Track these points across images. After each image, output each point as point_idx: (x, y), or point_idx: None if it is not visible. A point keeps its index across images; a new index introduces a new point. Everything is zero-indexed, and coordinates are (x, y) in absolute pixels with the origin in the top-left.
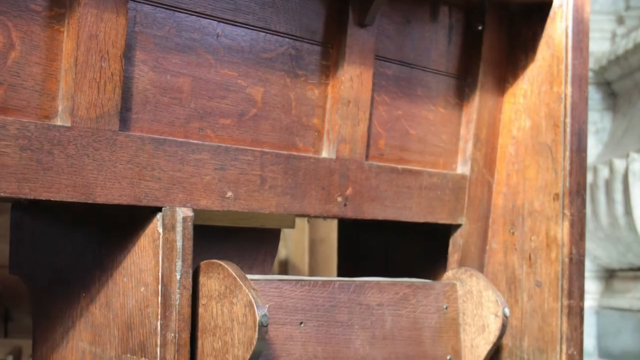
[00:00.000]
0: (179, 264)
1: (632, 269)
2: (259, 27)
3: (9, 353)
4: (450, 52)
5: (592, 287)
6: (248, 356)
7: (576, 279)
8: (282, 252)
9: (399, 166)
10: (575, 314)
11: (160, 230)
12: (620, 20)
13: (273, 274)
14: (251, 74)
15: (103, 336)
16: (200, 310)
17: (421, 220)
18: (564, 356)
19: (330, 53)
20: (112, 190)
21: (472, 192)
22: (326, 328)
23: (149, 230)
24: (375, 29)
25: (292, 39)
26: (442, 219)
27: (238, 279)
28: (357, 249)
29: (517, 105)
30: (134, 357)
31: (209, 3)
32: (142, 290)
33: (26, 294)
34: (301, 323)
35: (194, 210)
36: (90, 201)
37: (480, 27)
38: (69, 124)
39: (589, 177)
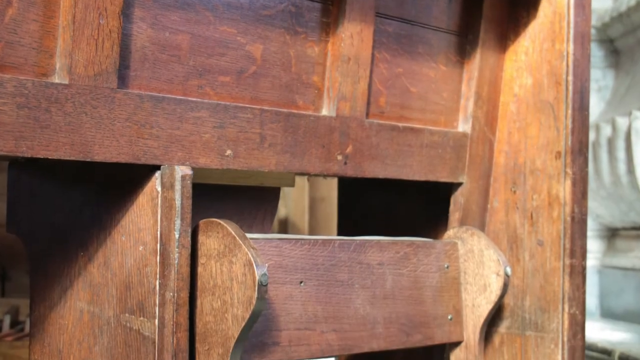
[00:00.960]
0: (177, 222)
1: (634, 228)
2: None
3: (7, 312)
4: (451, 9)
5: (594, 246)
6: (247, 315)
7: (578, 238)
8: (282, 210)
9: (400, 124)
10: (578, 273)
11: (159, 189)
12: None
13: (273, 232)
14: (250, 31)
15: (101, 296)
16: (199, 269)
17: (422, 178)
18: (566, 316)
19: (331, 10)
20: (110, 149)
21: (473, 150)
22: (326, 287)
23: (147, 188)
24: None
25: None
26: (443, 177)
27: (237, 238)
28: (357, 208)
29: (519, 63)
30: (133, 316)
31: None
32: (140, 249)
33: (24, 253)
34: (301, 282)
35: (193, 169)
36: (89, 159)
37: None
38: (66, 82)
39: (591, 136)
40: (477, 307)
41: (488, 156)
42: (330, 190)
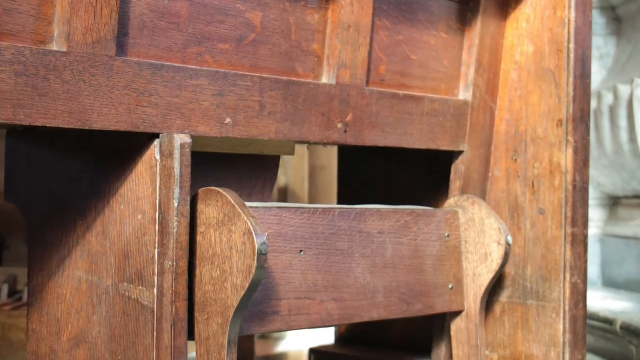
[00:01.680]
0: (176, 191)
1: (636, 197)
2: None
3: (5, 281)
4: None
5: (596, 215)
6: (247, 285)
7: (580, 207)
8: (282, 179)
9: (400, 92)
10: (579, 242)
11: (158, 157)
12: None
13: (272, 201)
14: None
15: (100, 265)
16: (199, 238)
17: (422, 147)
18: (567, 285)
19: None
20: (108, 117)
21: (474, 119)
22: (326, 256)
23: (146, 157)
24: None
25: None
26: (444, 145)
27: (237, 207)
28: (357, 176)
29: (520, 31)
30: (131, 285)
31: None
32: (139, 218)
33: (22, 222)
34: (301, 251)
35: (192, 137)
36: (87, 128)
37: None
38: (65, 50)
39: (593, 104)
40: (478, 276)
41: (489, 124)
42: (330, 158)
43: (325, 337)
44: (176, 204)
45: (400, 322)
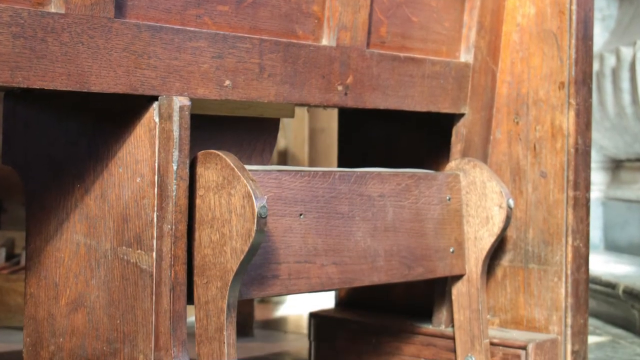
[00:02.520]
0: (175, 154)
1: (639, 160)
2: None
3: (2, 245)
4: None
5: (598, 178)
6: (246, 248)
7: (582, 170)
8: (282, 142)
9: (401, 54)
10: (581, 205)
11: (157, 120)
12: None
13: (272, 164)
14: None
15: (98, 228)
16: (198, 201)
17: (423, 109)
18: (569, 248)
19: None
20: (107, 79)
21: (475, 81)
22: (326, 220)
23: (145, 119)
24: None
25: None
26: (445, 108)
27: (236, 170)
28: (358, 139)
29: None
30: (130, 249)
31: None
32: (137, 181)
33: (20, 185)
34: (301, 214)
35: (191, 100)
36: (85, 90)
37: None
38: (63, 11)
39: (595, 66)
40: (479, 239)
41: (490, 87)
42: (330, 121)
43: (325, 301)
44: (175, 167)
45: (401, 286)
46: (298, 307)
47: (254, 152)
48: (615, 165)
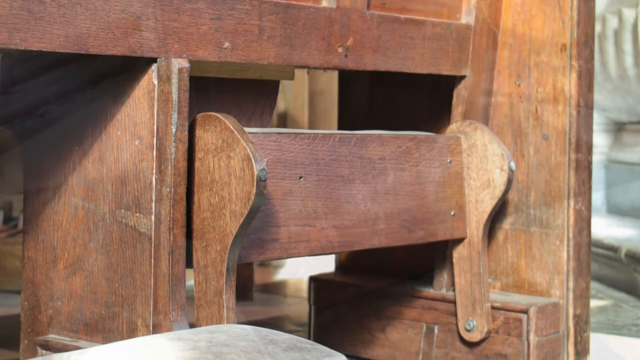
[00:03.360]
0: (174, 116)
1: None
2: None
3: (0, 208)
4: None
5: (600, 141)
6: (246, 211)
7: (584, 132)
8: (281, 104)
9: (402, 16)
10: (583, 168)
11: (156, 82)
12: None
13: (272, 127)
14: None
15: (96, 191)
16: (197, 164)
17: (424, 71)
18: (571, 211)
19: None
20: (105, 41)
21: (476, 43)
22: (326, 183)
23: (143, 82)
24: None
25: None
26: (446, 70)
27: (235, 132)
28: (358, 102)
29: None
30: (128, 212)
31: None
32: (136, 143)
33: (17, 149)
34: (300, 177)
35: (191, 62)
36: (83, 52)
37: None
38: None
39: (597, 27)
40: (480, 202)
41: (492, 49)
42: (330, 83)
43: (325, 264)
44: (174, 130)
45: (402, 249)
46: (298, 271)
47: (253, 115)
48: (618, 128)
